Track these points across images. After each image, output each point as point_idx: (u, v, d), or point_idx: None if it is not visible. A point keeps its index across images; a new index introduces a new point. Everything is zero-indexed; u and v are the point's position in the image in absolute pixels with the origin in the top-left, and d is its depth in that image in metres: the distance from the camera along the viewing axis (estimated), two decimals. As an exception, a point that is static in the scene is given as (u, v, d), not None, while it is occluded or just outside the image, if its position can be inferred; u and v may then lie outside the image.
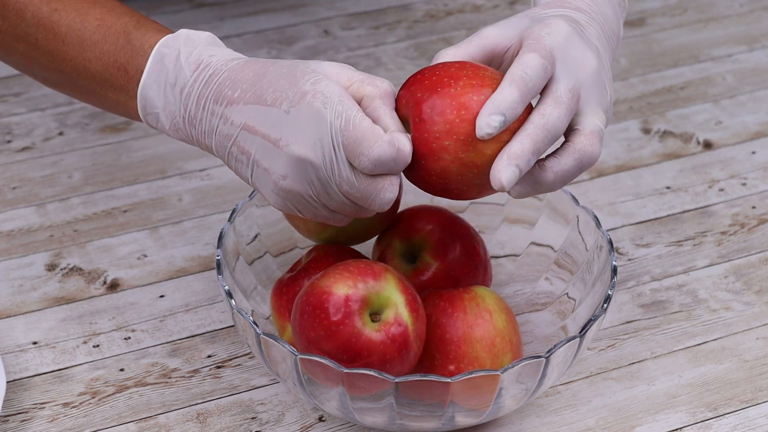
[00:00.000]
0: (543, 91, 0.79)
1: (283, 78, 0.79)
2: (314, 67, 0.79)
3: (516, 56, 0.80)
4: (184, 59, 0.81)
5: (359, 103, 0.79)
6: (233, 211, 0.90)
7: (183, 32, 0.83)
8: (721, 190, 1.09)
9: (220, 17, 1.29)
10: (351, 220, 0.83)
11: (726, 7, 1.33)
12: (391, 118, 0.79)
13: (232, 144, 0.80)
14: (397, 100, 0.80)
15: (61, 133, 1.14)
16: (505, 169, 0.77)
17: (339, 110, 0.77)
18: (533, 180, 0.79)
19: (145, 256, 1.01)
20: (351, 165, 0.78)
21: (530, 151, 0.77)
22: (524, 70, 0.78)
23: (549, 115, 0.78)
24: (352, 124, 0.77)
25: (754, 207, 1.07)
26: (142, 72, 0.82)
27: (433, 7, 1.32)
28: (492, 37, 0.82)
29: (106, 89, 0.85)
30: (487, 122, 0.76)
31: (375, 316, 0.81)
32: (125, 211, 1.06)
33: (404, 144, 0.78)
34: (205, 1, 1.31)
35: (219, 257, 0.86)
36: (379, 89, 0.79)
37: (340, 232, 0.90)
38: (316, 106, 0.77)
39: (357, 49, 1.25)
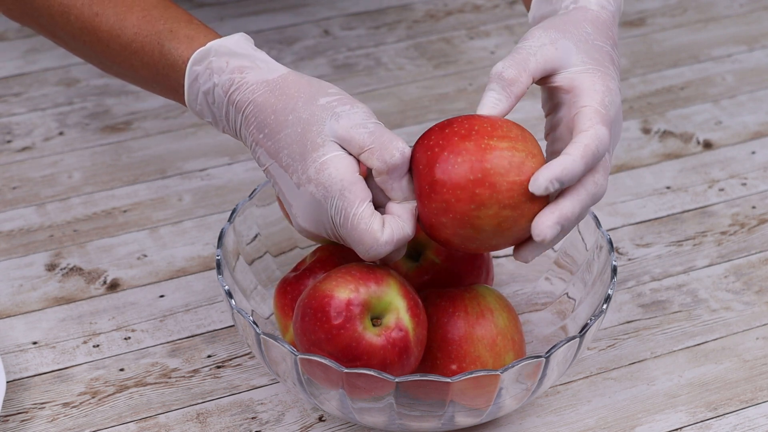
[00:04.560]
0: None
1: (295, 143, 0.80)
2: (325, 134, 0.79)
3: (578, 111, 0.80)
4: (216, 78, 0.82)
5: (369, 167, 0.80)
6: (233, 211, 0.90)
7: (213, 45, 0.83)
8: (721, 190, 1.09)
9: (220, 17, 1.29)
10: None
11: (726, 7, 1.33)
12: (398, 190, 0.80)
13: (264, 171, 0.83)
14: (413, 153, 0.81)
15: (61, 133, 1.14)
16: (552, 227, 0.77)
17: (339, 206, 0.79)
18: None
19: (145, 256, 1.01)
20: None
21: (578, 215, 0.78)
22: (598, 147, 0.78)
23: (600, 186, 0.80)
24: (351, 224, 0.79)
25: (754, 207, 1.07)
26: (182, 86, 0.84)
27: (433, 7, 1.32)
28: (549, 61, 0.82)
29: (161, 90, 0.87)
30: (546, 186, 0.76)
31: (376, 320, 0.81)
32: (125, 211, 1.06)
33: (404, 231, 0.79)
34: (206, 1, 1.31)
35: (219, 257, 0.87)
36: (387, 165, 0.79)
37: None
38: (318, 198, 0.79)
39: (357, 49, 1.25)
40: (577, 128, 0.79)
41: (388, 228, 0.79)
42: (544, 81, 0.83)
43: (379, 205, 0.81)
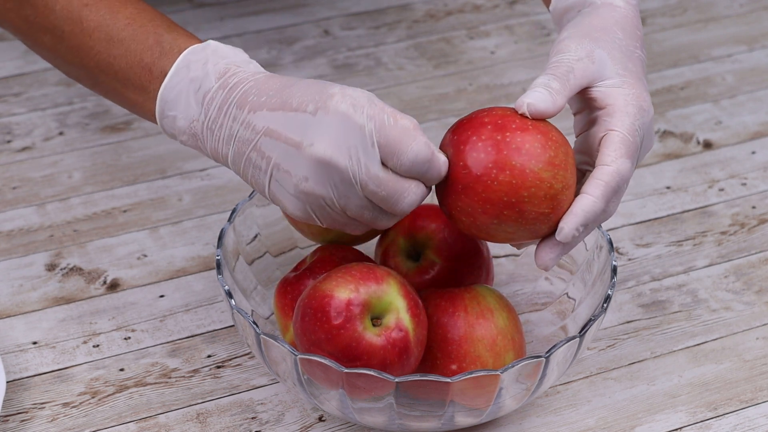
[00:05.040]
0: None
1: (311, 86, 0.79)
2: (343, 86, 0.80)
3: (606, 133, 0.80)
4: (211, 66, 0.81)
5: None
6: (233, 211, 0.90)
7: (213, 42, 0.83)
8: (721, 190, 1.09)
9: (220, 17, 1.29)
10: (366, 230, 0.83)
11: (726, 7, 1.33)
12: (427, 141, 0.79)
13: (252, 149, 0.80)
14: (447, 136, 0.81)
15: (61, 133, 1.14)
16: (554, 259, 0.80)
17: (370, 113, 0.77)
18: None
19: (145, 256, 1.01)
20: (382, 165, 0.78)
21: (580, 238, 0.81)
22: (618, 183, 0.79)
23: (609, 213, 0.81)
24: (389, 122, 0.77)
25: (754, 207, 1.07)
26: (166, 74, 0.83)
27: (433, 7, 1.32)
28: (588, 76, 0.82)
29: (127, 88, 0.85)
30: (573, 234, 0.79)
31: (376, 320, 0.81)
32: (125, 211, 1.06)
33: (441, 157, 0.78)
34: (205, 1, 1.31)
35: (219, 257, 0.87)
36: (412, 122, 0.78)
37: (344, 234, 0.90)
38: (344, 109, 0.77)
39: (357, 49, 1.25)
40: (601, 159, 0.80)
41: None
42: (579, 93, 0.83)
43: None
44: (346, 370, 0.78)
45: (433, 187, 0.81)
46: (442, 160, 0.79)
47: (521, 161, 0.78)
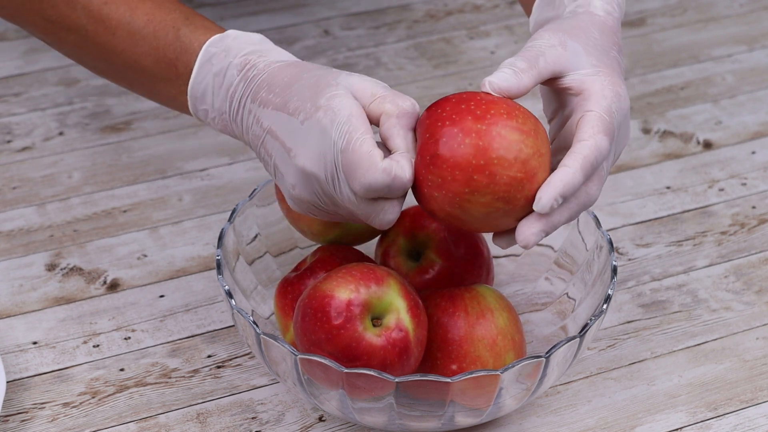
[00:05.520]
0: None
1: (309, 88, 0.79)
2: (341, 80, 0.79)
3: (583, 115, 0.80)
4: (232, 59, 0.82)
5: (377, 119, 0.79)
6: (233, 211, 0.90)
7: (232, 32, 0.84)
8: (721, 190, 1.09)
9: (220, 17, 1.29)
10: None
11: (726, 7, 1.33)
12: (402, 139, 0.79)
13: (261, 145, 0.81)
14: (419, 120, 0.80)
15: (61, 133, 1.14)
16: (537, 234, 0.78)
17: (344, 130, 0.77)
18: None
19: (145, 256, 1.01)
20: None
21: (563, 222, 0.79)
22: (596, 157, 0.78)
23: (592, 196, 0.80)
24: (353, 147, 0.76)
25: (754, 207, 1.07)
26: (191, 69, 0.83)
27: (433, 7, 1.32)
28: (560, 63, 0.81)
29: (158, 82, 0.86)
30: (551, 205, 0.77)
31: (376, 320, 0.81)
32: (125, 211, 1.06)
33: (403, 171, 0.77)
34: (206, 1, 1.31)
35: (219, 257, 0.87)
36: (399, 108, 0.78)
37: (345, 234, 0.90)
38: (324, 123, 0.77)
39: (357, 49, 1.25)
40: (578, 135, 0.79)
41: (387, 161, 0.77)
42: (552, 83, 0.82)
43: None
44: (346, 370, 0.78)
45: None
46: (406, 177, 0.77)
47: (487, 124, 0.77)
